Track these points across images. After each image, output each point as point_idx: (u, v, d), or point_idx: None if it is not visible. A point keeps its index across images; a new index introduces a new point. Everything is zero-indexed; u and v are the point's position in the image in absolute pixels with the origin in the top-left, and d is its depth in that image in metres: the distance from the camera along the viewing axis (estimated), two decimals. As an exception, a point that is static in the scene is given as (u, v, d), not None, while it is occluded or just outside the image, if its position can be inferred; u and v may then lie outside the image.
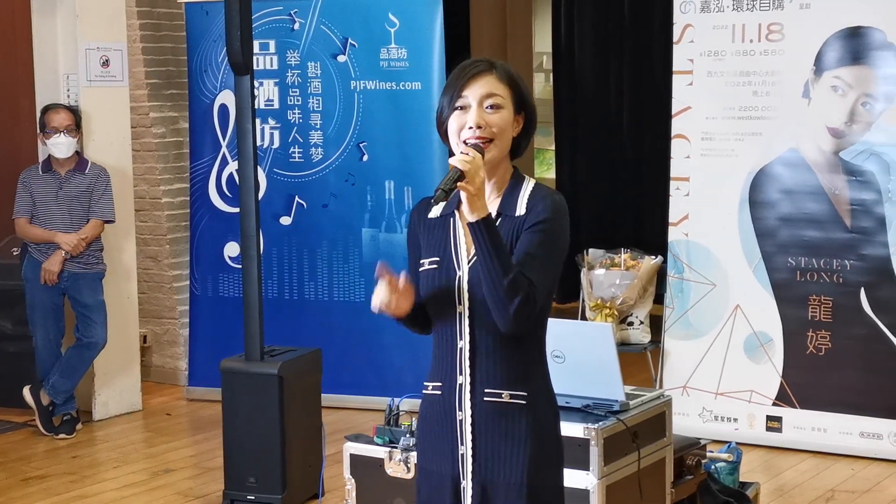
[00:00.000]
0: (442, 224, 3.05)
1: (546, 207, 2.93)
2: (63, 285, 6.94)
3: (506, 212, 2.98)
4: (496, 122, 2.95)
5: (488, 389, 2.97)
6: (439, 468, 3.06)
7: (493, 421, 2.97)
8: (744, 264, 6.62)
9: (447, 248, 3.02)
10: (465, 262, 2.98)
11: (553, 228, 2.93)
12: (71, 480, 6.22)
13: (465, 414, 2.99)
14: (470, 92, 2.96)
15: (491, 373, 2.96)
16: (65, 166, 6.95)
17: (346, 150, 7.43)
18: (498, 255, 2.84)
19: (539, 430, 2.98)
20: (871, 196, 6.32)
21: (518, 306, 2.83)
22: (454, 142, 2.99)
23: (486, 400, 2.97)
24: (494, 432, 2.97)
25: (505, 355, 2.96)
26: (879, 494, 5.84)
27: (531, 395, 2.98)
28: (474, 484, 2.99)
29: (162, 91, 8.04)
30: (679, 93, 6.78)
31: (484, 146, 2.94)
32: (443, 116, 3.01)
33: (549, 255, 2.92)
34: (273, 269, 7.57)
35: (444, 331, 3.02)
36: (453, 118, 2.98)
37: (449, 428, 3.02)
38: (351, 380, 7.33)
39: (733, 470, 5.24)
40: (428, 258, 3.03)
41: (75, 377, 6.96)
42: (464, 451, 3.00)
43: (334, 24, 7.40)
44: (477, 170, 2.85)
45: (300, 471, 5.62)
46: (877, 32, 6.26)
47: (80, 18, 7.19)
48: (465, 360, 2.98)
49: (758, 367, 6.58)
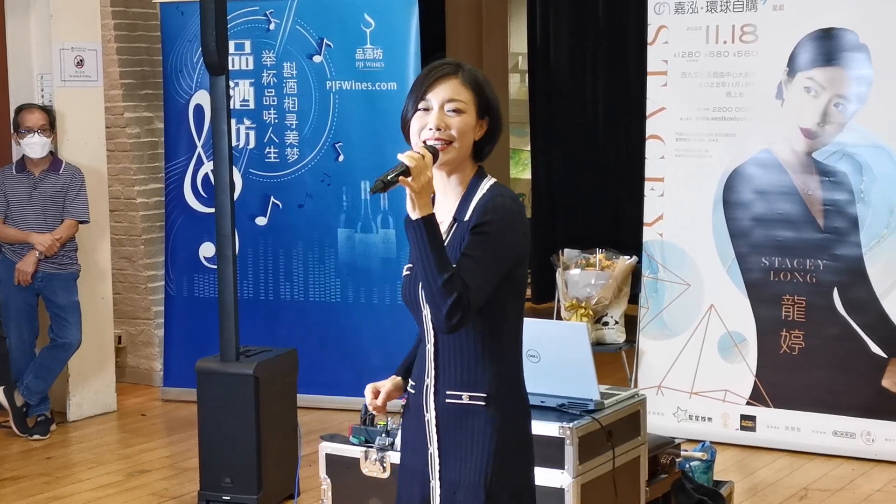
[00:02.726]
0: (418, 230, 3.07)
1: (490, 210, 2.93)
2: (37, 286, 6.91)
3: (460, 216, 3.00)
4: (456, 125, 2.97)
5: (449, 391, 3.01)
6: (413, 464, 3.12)
7: (455, 422, 3.01)
8: (718, 264, 6.65)
9: None
10: None
11: (494, 231, 2.91)
12: (45, 482, 6.20)
13: (431, 415, 3.04)
14: (433, 94, 2.99)
15: (452, 374, 3.00)
16: (39, 166, 6.93)
17: (321, 150, 7.42)
18: (434, 254, 2.85)
19: (502, 430, 2.99)
20: (844, 196, 6.36)
21: (451, 307, 2.83)
22: (414, 142, 3.01)
23: (448, 402, 3.01)
24: (457, 433, 3.01)
25: (465, 357, 2.99)
26: (852, 493, 5.87)
27: (493, 396, 2.98)
28: (441, 483, 3.04)
29: (137, 91, 8.02)
30: (653, 93, 6.80)
31: (441, 148, 2.95)
32: (407, 117, 3.04)
33: (487, 256, 2.90)
34: (248, 270, 7.56)
35: (421, 334, 3.09)
36: (416, 119, 3.00)
37: (421, 427, 3.08)
38: (327, 380, 7.32)
39: (707, 469, 5.26)
40: (407, 265, 3.06)
41: (49, 378, 6.94)
42: (432, 451, 3.05)
43: (310, 24, 7.40)
44: (423, 169, 2.85)
45: (276, 471, 5.62)
46: (849, 34, 6.30)
47: (54, 18, 7.17)
48: (430, 362, 3.04)
49: (732, 367, 6.62)
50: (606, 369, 6.02)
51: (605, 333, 7.05)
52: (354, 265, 7.40)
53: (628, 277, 7.08)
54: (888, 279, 6.27)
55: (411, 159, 2.86)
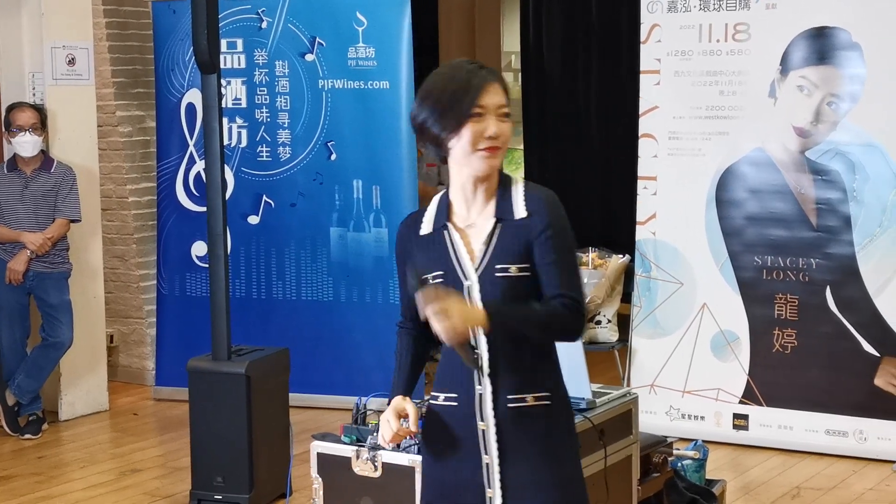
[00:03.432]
0: (436, 238, 3.03)
1: (544, 210, 2.96)
2: (29, 285, 6.90)
3: (504, 216, 2.98)
4: (505, 130, 2.97)
5: (511, 395, 2.97)
6: (456, 478, 3.03)
7: (520, 425, 2.97)
8: (710, 263, 6.65)
9: (448, 260, 3.00)
10: (473, 271, 2.97)
11: (559, 230, 2.96)
12: (37, 481, 6.19)
13: (489, 423, 2.97)
14: (487, 99, 2.95)
15: (512, 379, 2.97)
16: (30, 165, 6.91)
17: (313, 149, 7.41)
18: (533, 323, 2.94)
19: (565, 425, 3.04)
20: (837, 195, 6.36)
21: (578, 328, 2.97)
22: (466, 150, 2.94)
23: (511, 406, 2.97)
24: (523, 436, 2.98)
25: (523, 360, 2.98)
26: (845, 491, 5.87)
27: (554, 393, 3.01)
28: (505, 489, 2.98)
29: (129, 90, 8.00)
30: (646, 92, 6.80)
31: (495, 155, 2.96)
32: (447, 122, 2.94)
33: (571, 257, 2.99)
34: (241, 269, 7.55)
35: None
36: (469, 125, 2.92)
37: (468, 437, 3.00)
38: (319, 379, 7.31)
39: (700, 467, 5.26)
40: (431, 272, 2.99)
41: (41, 377, 6.92)
42: (489, 461, 2.98)
43: (302, 22, 7.39)
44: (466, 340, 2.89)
45: (267, 470, 5.61)
46: (842, 32, 6.30)
47: (45, 17, 7.15)
48: (483, 368, 2.97)
49: (724, 366, 6.62)
50: (599, 368, 6.02)
51: (598, 332, 7.04)
52: (347, 264, 7.39)
53: (621, 276, 7.08)
54: (881, 278, 6.27)
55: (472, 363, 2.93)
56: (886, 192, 6.26)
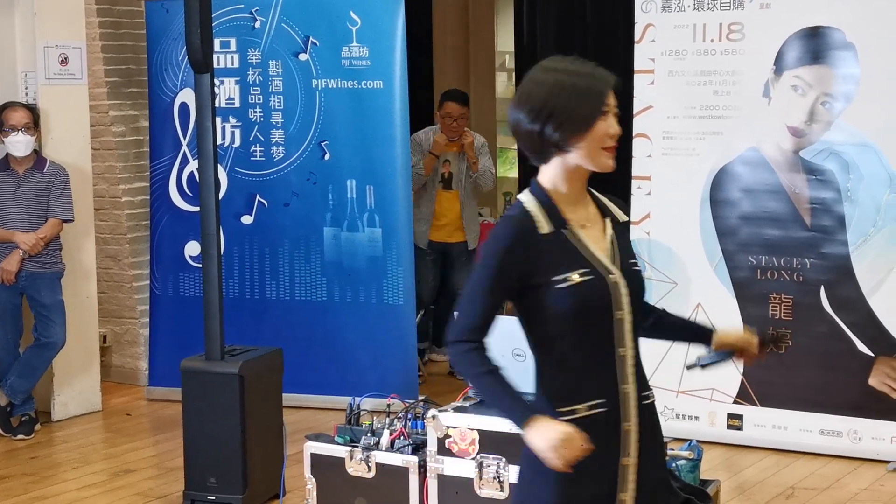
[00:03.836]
0: (560, 237, 2.92)
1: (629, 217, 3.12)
2: (21, 285, 6.88)
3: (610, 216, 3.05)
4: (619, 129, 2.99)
5: (644, 392, 3.00)
6: (590, 492, 2.90)
7: (651, 421, 3.01)
8: (705, 263, 6.65)
9: (586, 257, 2.92)
10: (613, 266, 2.95)
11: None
12: (30, 481, 6.17)
13: (633, 422, 2.94)
14: (611, 99, 2.94)
15: (642, 376, 3.03)
16: (23, 165, 6.89)
17: (307, 148, 7.40)
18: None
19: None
20: (831, 195, 6.36)
21: None
22: (593, 148, 2.91)
23: (645, 403, 2.99)
24: (652, 432, 3.01)
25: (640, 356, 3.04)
26: (839, 491, 5.87)
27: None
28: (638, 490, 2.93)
29: (122, 89, 7.99)
30: (640, 92, 6.79)
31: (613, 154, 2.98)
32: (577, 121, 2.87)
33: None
34: (234, 269, 7.54)
35: (596, 343, 2.93)
36: (599, 123, 2.89)
37: (610, 443, 2.90)
38: (312, 379, 7.30)
39: (694, 468, 5.24)
40: (573, 271, 2.87)
41: (34, 377, 6.91)
42: (626, 462, 2.92)
43: (296, 22, 7.37)
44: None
45: (261, 470, 5.60)
46: (836, 32, 6.29)
47: (38, 16, 7.13)
48: (628, 367, 2.96)
49: (718, 366, 6.59)
50: (593, 368, 5.97)
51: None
52: (340, 264, 7.37)
53: (615, 276, 7.06)
54: (875, 278, 6.26)
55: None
56: (880, 192, 6.25)
